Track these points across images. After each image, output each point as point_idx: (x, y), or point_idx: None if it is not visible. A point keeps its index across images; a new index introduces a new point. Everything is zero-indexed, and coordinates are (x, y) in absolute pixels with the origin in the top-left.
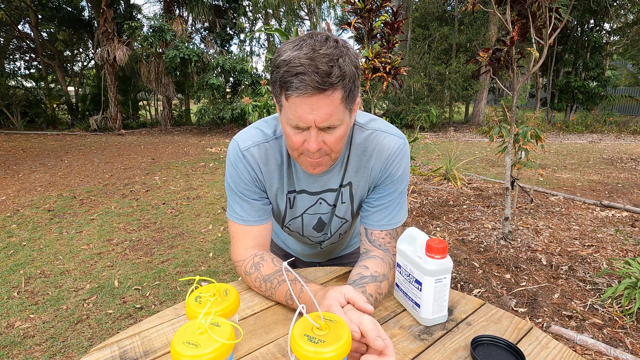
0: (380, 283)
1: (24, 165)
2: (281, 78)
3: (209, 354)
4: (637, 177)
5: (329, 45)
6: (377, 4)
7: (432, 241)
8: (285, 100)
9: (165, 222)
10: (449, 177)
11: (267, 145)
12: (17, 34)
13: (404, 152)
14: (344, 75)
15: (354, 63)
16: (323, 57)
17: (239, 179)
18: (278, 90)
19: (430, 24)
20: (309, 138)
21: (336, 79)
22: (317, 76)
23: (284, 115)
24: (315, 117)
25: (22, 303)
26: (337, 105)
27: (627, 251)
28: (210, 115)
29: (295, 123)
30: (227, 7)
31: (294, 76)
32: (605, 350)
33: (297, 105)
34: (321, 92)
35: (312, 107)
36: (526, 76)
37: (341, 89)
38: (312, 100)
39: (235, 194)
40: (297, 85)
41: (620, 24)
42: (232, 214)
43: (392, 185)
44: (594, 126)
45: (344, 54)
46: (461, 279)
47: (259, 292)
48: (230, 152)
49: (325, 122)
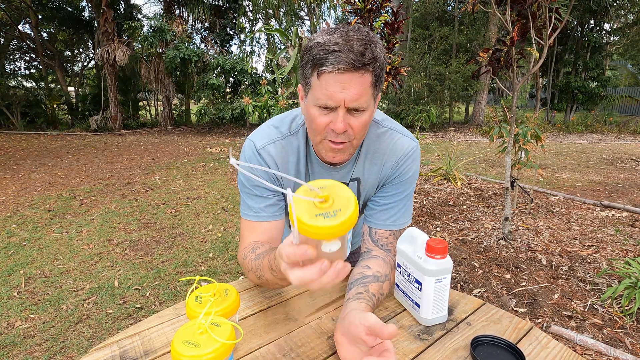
0: (382, 283)
1: (24, 166)
2: (315, 56)
3: (209, 354)
4: (637, 178)
5: (362, 33)
6: (377, 4)
7: (432, 241)
8: (316, 79)
9: (165, 222)
10: (449, 177)
11: (283, 143)
12: (18, 34)
13: (416, 155)
14: (375, 58)
15: (383, 52)
16: (357, 41)
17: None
18: (309, 70)
19: (431, 24)
20: (335, 119)
21: (369, 60)
22: (353, 54)
23: (312, 96)
24: (346, 96)
25: (22, 303)
26: (367, 87)
27: (627, 251)
28: (210, 115)
29: (324, 102)
30: (227, 7)
31: (330, 53)
32: (605, 351)
33: (329, 83)
34: (355, 70)
35: (343, 86)
36: (526, 76)
37: (372, 72)
38: (345, 77)
39: (249, 190)
40: (333, 61)
41: (620, 24)
42: (245, 212)
43: (400, 186)
44: (594, 126)
45: (376, 42)
46: (461, 279)
47: (255, 280)
48: (246, 151)
49: (355, 102)
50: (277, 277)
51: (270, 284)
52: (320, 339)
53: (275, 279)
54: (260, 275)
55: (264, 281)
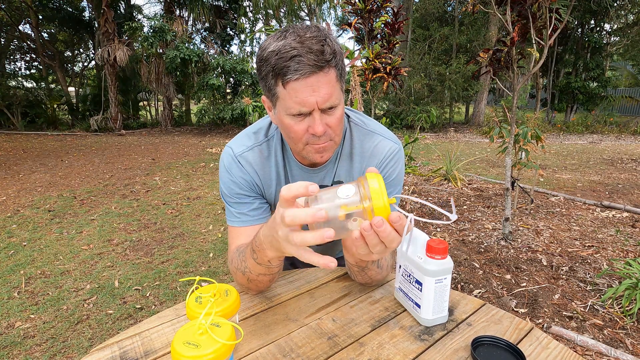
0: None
1: (24, 166)
2: (274, 67)
3: (209, 355)
4: (637, 178)
5: (312, 30)
6: (377, 4)
7: (432, 241)
8: (282, 88)
9: (165, 222)
10: (449, 178)
11: (260, 148)
12: (18, 35)
13: (399, 157)
14: (335, 52)
15: (337, 43)
16: (311, 39)
17: (233, 183)
18: (272, 81)
19: (431, 25)
20: (312, 123)
21: (330, 55)
22: (313, 55)
23: (282, 106)
24: (317, 98)
25: (23, 303)
26: (334, 83)
27: (627, 252)
28: (211, 115)
29: (297, 110)
30: (227, 8)
31: (289, 60)
32: (605, 351)
33: (297, 90)
34: (319, 70)
35: (312, 89)
36: (526, 77)
37: (334, 66)
38: (312, 80)
39: (230, 198)
40: (295, 67)
41: (621, 25)
42: (230, 219)
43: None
44: (594, 127)
45: (328, 35)
46: (461, 279)
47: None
48: (225, 158)
49: (327, 102)
50: (258, 260)
51: (253, 275)
52: (320, 339)
53: (256, 265)
54: (245, 268)
55: (249, 276)
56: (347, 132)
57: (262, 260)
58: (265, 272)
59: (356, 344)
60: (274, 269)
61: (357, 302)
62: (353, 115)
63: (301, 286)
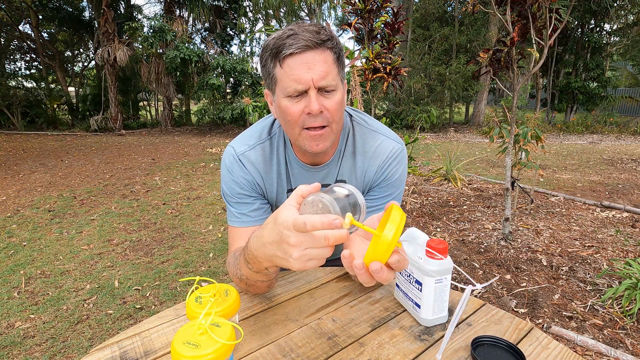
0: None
1: (24, 166)
2: (272, 48)
3: (209, 355)
4: (637, 178)
5: (309, 24)
6: (377, 4)
7: (432, 242)
8: (280, 68)
9: (165, 222)
10: (449, 178)
11: (262, 146)
12: (18, 35)
13: (402, 157)
14: (331, 36)
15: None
16: (309, 26)
17: (234, 183)
18: (271, 64)
19: (431, 25)
20: (308, 102)
21: (325, 36)
22: (309, 34)
23: (280, 89)
24: (313, 74)
25: (22, 303)
26: (331, 64)
27: (627, 252)
28: (211, 115)
29: (293, 87)
30: (227, 8)
31: (287, 39)
32: (605, 351)
33: (293, 67)
34: (315, 47)
35: (308, 66)
36: (526, 77)
37: (331, 49)
38: (308, 57)
39: (231, 198)
40: (291, 43)
41: (621, 25)
42: (230, 219)
43: (387, 189)
44: (594, 127)
45: (327, 28)
46: (461, 279)
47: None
48: (226, 158)
49: (323, 80)
50: (254, 269)
51: (251, 281)
52: (320, 339)
53: (253, 273)
54: (241, 275)
55: (245, 280)
56: (350, 130)
57: (258, 269)
58: (263, 279)
59: (356, 344)
60: (272, 275)
61: (357, 302)
62: (355, 114)
63: (301, 286)
